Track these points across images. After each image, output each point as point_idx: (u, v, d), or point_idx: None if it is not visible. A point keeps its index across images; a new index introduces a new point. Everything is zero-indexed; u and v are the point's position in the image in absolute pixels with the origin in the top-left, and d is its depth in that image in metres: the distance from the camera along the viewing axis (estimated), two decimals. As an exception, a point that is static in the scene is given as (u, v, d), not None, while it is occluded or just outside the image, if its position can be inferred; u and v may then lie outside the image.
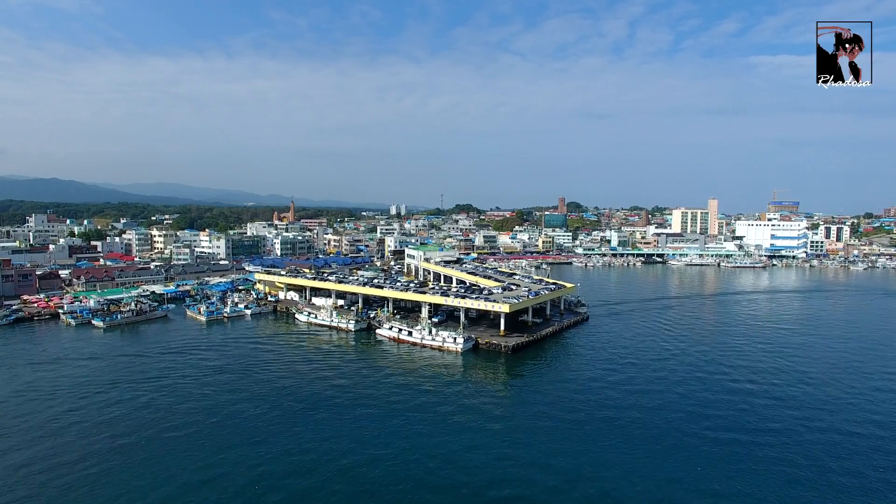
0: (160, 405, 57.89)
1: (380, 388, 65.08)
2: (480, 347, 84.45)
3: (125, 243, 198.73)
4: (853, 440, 51.04)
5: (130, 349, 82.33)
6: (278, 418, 54.85)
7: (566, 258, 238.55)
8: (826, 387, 67.04)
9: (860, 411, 58.81)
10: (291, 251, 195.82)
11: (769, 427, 53.85)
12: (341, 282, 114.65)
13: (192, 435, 50.39)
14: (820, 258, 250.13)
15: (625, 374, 72.16)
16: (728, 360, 79.62)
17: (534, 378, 72.12)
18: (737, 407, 59.60)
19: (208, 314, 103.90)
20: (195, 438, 49.65)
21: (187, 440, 49.27)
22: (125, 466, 44.17)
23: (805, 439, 51.23)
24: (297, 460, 45.80)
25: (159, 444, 48.28)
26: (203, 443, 48.81)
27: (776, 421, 55.55)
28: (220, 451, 47.22)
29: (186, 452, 46.80)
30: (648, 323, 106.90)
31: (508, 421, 55.88)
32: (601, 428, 53.49)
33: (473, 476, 43.51)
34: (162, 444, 48.44)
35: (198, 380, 67.19)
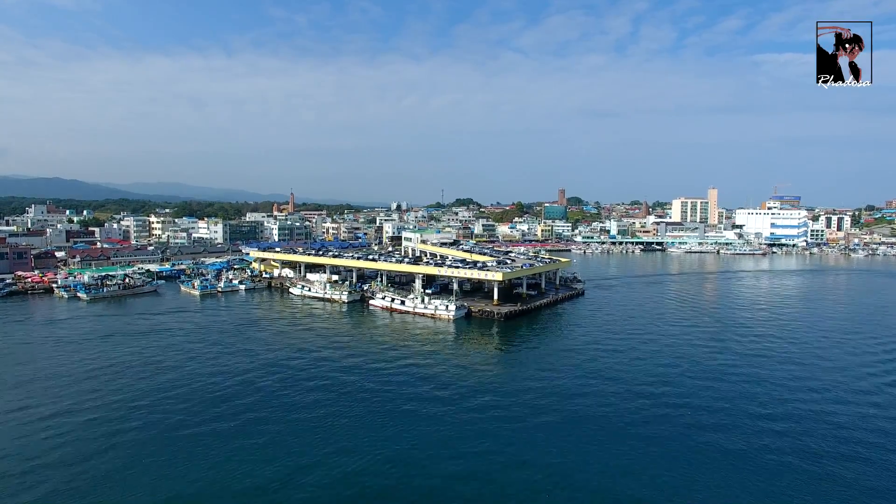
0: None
1: (366, 351, 64.69)
2: (473, 315, 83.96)
3: (123, 230, 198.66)
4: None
5: (103, 316, 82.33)
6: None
7: (565, 246, 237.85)
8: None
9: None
10: (289, 236, 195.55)
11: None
12: (336, 257, 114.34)
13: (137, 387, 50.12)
14: (820, 246, 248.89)
15: (623, 340, 71.67)
16: (726, 333, 79.06)
17: (527, 345, 71.68)
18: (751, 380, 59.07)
19: (202, 288, 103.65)
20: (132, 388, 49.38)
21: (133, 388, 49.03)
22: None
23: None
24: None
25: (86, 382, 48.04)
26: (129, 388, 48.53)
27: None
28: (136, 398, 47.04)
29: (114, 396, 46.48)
30: (645, 296, 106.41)
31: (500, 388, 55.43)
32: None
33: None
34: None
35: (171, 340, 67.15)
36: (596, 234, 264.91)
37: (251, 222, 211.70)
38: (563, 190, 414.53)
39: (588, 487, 32.50)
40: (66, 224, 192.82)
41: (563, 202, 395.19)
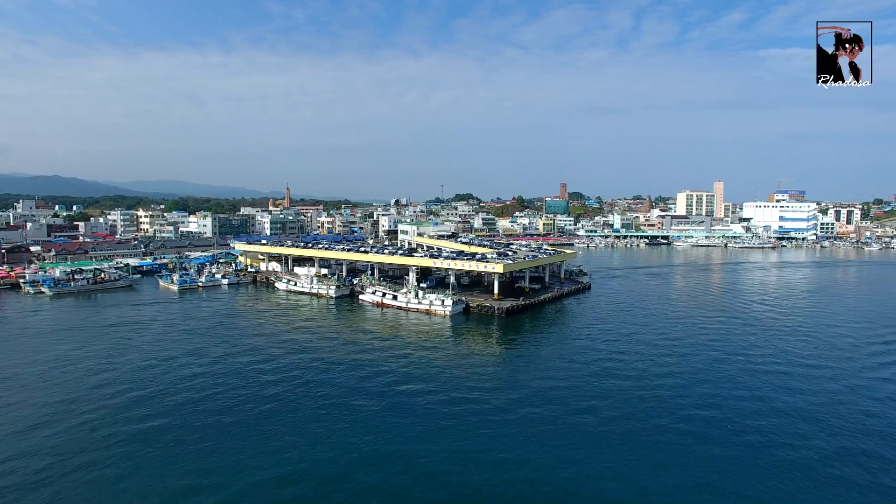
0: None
1: (346, 354, 57.59)
2: (472, 311, 76.87)
3: (110, 224, 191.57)
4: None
5: (62, 312, 75.43)
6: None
7: (567, 240, 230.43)
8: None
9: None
10: (281, 230, 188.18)
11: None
12: (326, 250, 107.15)
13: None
14: (831, 240, 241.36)
15: (635, 337, 64.55)
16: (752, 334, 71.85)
17: (530, 345, 64.51)
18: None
19: (181, 283, 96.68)
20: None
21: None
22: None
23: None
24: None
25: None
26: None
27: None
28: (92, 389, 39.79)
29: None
30: (656, 290, 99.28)
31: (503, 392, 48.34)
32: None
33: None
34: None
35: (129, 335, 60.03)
36: (599, 228, 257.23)
37: (242, 216, 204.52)
38: (565, 184, 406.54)
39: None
40: (50, 219, 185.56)
41: (565, 196, 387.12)
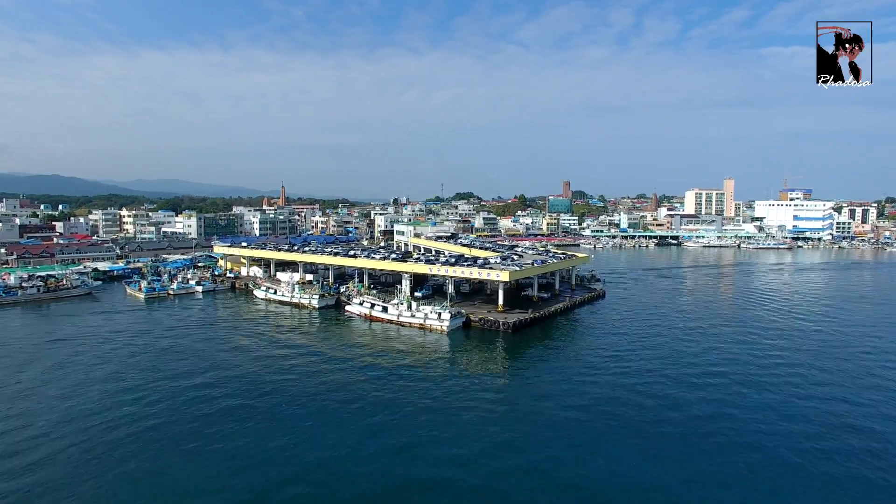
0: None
1: (317, 384, 47.53)
2: (473, 325, 66.78)
3: (91, 224, 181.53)
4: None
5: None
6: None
7: (573, 240, 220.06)
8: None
9: None
10: (271, 231, 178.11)
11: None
12: (313, 253, 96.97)
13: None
14: (848, 240, 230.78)
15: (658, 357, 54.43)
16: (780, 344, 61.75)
17: (543, 375, 54.37)
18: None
19: (148, 290, 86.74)
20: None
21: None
22: None
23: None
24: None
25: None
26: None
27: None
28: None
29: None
30: (677, 298, 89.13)
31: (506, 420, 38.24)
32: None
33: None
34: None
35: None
36: (605, 228, 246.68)
37: (230, 215, 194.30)
38: (568, 182, 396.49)
39: None
40: (25, 219, 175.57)
41: (568, 195, 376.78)
